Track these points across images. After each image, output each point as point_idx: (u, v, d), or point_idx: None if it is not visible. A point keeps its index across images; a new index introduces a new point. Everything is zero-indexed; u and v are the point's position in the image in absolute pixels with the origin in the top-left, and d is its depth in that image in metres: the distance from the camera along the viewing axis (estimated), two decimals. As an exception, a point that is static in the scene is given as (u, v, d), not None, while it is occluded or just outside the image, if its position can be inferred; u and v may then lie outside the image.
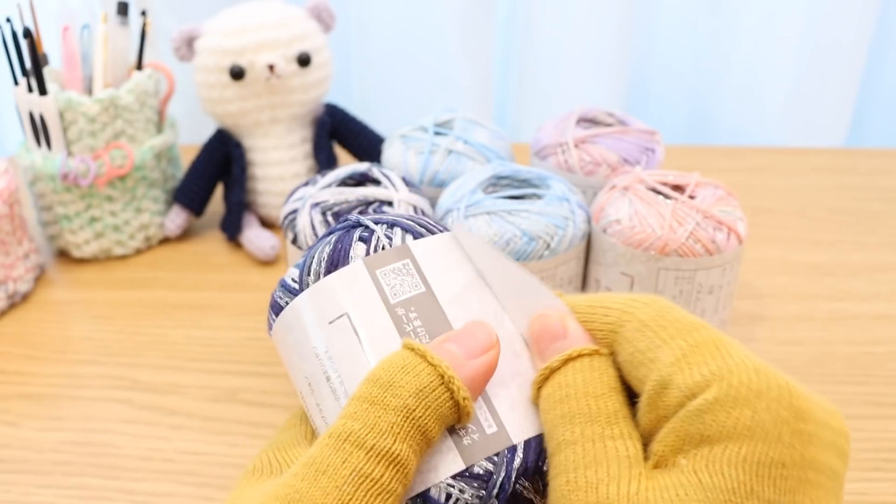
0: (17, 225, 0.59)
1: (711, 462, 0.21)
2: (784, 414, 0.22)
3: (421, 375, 0.24)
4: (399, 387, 0.24)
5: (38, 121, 0.58)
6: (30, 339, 0.54)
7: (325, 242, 0.30)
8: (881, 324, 0.54)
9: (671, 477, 0.22)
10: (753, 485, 0.21)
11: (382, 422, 0.23)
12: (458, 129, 0.56)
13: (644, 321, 0.25)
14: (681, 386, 0.23)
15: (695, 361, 0.23)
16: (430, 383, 0.24)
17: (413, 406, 0.24)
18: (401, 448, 0.23)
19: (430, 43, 0.83)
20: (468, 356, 0.25)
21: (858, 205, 0.71)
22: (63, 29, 0.59)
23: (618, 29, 0.84)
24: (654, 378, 0.24)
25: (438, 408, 0.24)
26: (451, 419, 0.25)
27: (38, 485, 0.42)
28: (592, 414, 0.24)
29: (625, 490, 0.22)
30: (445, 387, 0.24)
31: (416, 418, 0.24)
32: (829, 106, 0.86)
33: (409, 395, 0.24)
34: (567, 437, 0.24)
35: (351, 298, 0.28)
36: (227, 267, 0.63)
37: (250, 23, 0.60)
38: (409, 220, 0.30)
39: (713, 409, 0.22)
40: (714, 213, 0.44)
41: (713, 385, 0.22)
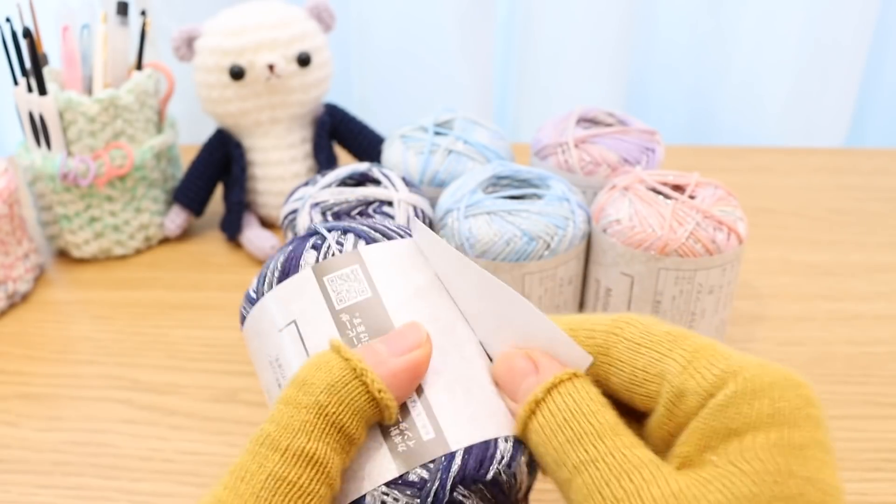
0: (17, 225, 0.59)
1: (745, 451, 0.22)
2: (796, 401, 0.23)
3: (333, 370, 0.24)
4: (311, 384, 0.24)
5: (37, 121, 0.58)
6: (29, 339, 0.54)
7: (281, 251, 0.30)
8: (881, 324, 0.54)
9: (708, 471, 0.22)
10: (791, 466, 0.22)
11: (295, 421, 0.23)
12: (458, 129, 0.56)
13: (634, 340, 0.26)
14: (697, 390, 0.23)
15: (702, 366, 0.24)
16: (342, 377, 0.24)
17: (325, 402, 0.23)
18: (316, 447, 0.23)
19: (430, 43, 0.83)
20: (392, 354, 0.25)
21: (859, 205, 0.71)
22: (63, 29, 0.59)
23: (618, 28, 0.84)
24: (667, 390, 0.24)
25: (352, 402, 0.24)
26: (372, 414, 0.24)
27: (38, 485, 0.42)
28: (599, 431, 0.24)
29: (667, 489, 0.22)
30: (359, 380, 0.24)
31: (330, 414, 0.23)
32: (830, 106, 0.86)
33: (320, 392, 0.24)
34: (583, 457, 0.23)
35: (299, 306, 0.28)
36: (227, 267, 0.63)
37: (250, 23, 0.60)
38: (365, 227, 0.30)
39: (735, 402, 0.23)
40: (714, 213, 0.44)
41: (729, 381, 0.23)
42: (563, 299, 0.47)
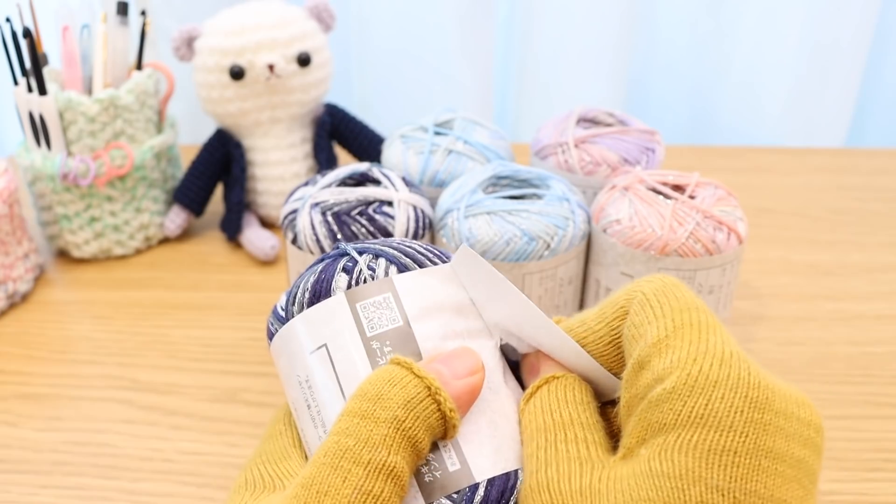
0: (17, 225, 0.58)
1: (664, 450, 0.22)
2: (739, 403, 0.22)
3: (408, 387, 0.24)
4: (388, 399, 0.24)
5: (37, 121, 0.58)
6: (29, 340, 0.54)
7: (311, 271, 0.30)
8: (881, 324, 0.54)
9: (628, 467, 0.23)
10: (701, 471, 0.21)
11: (375, 435, 0.23)
12: (458, 128, 0.56)
13: (647, 295, 0.25)
14: (654, 369, 0.23)
15: (671, 345, 0.23)
16: (417, 394, 0.24)
17: (403, 417, 0.24)
18: (396, 460, 0.23)
19: (430, 42, 0.83)
20: (454, 376, 0.26)
21: (859, 205, 0.71)
22: (63, 29, 0.59)
23: (618, 28, 0.84)
24: (636, 355, 0.24)
25: (427, 419, 0.24)
26: (439, 432, 0.25)
27: (38, 485, 0.42)
28: (547, 427, 0.25)
29: (577, 485, 0.23)
30: (432, 398, 0.24)
31: (407, 429, 0.24)
32: (830, 106, 0.86)
33: (398, 407, 0.24)
34: (528, 452, 0.25)
35: (330, 330, 0.28)
36: (227, 267, 0.63)
37: (250, 23, 0.60)
38: (396, 251, 0.30)
39: (671, 398, 0.22)
40: (714, 213, 0.44)
41: (673, 374, 0.23)
42: (563, 299, 0.47)
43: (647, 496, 0.21)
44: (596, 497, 0.22)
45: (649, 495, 0.21)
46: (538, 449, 0.25)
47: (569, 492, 0.23)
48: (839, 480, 0.42)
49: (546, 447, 0.25)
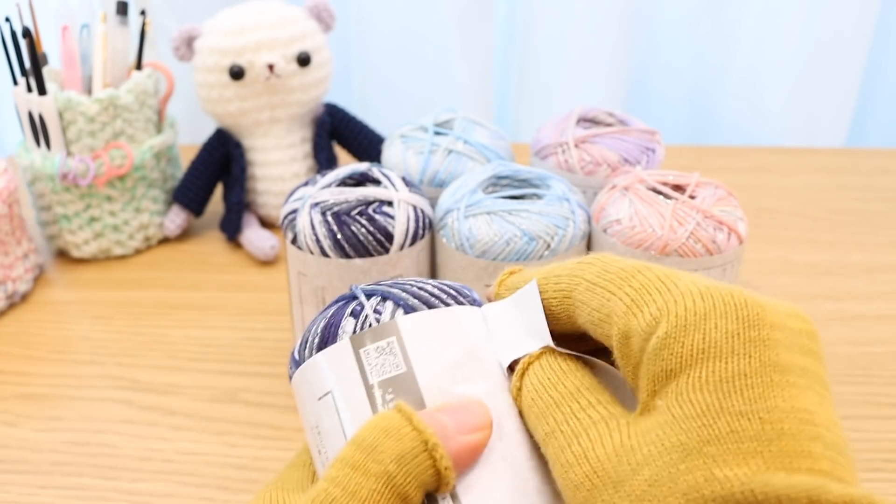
0: (17, 225, 0.58)
1: (678, 394, 0.22)
2: (732, 327, 0.22)
3: (404, 440, 0.23)
4: (381, 451, 0.23)
5: (37, 120, 0.58)
6: (29, 340, 0.54)
7: (322, 315, 0.30)
8: (882, 324, 0.54)
9: (650, 420, 0.22)
10: (721, 402, 0.21)
11: (363, 489, 0.23)
12: (458, 128, 0.56)
13: (592, 280, 0.25)
14: (637, 330, 0.23)
15: (644, 303, 0.23)
16: (412, 449, 0.23)
17: (394, 472, 0.23)
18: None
19: (430, 42, 0.83)
20: (458, 431, 0.25)
21: (859, 205, 0.71)
22: (62, 28, 0.59)
23: (618, 28, 0.84)
24: (615, 332, 0.24)
25: (420, 475, 0.23)
26: (432, 486, 0.24)
27: (38, 485, 0.42)
28: (556, 401, 0.24)
29: (610, 447, 0.22)
30: (428, 454, 0.23)
31: (397, 485, 0.23)
32: (830, 105, 0.86)
33: (390, 461, 0.23)
34: (546, 430, 0.24)
35: (335, 377, 0.27)
36: (227, 267, 0.63)
37: (250, 22, 0.60)
38: (405, 293, 0.29)
39: (668, 343, 0.22)
40: (714, 212, 0.44)
41: (662, 321, 0.22)
42: (563, 299, 0.47)
43: (679, 441, 0.21)
44: (630, 454, 0.22)
45: (680, 440, 0.21)
46: (559, 424, 0.24)
47: (605, 455, 0.22)
48: (839, 481, 0.42)
49: (566, 420, 0.24)
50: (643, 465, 0.21)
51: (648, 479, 0.21)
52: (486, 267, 0.44)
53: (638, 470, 0.21)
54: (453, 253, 0.45)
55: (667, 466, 0.21)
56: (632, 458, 0.22)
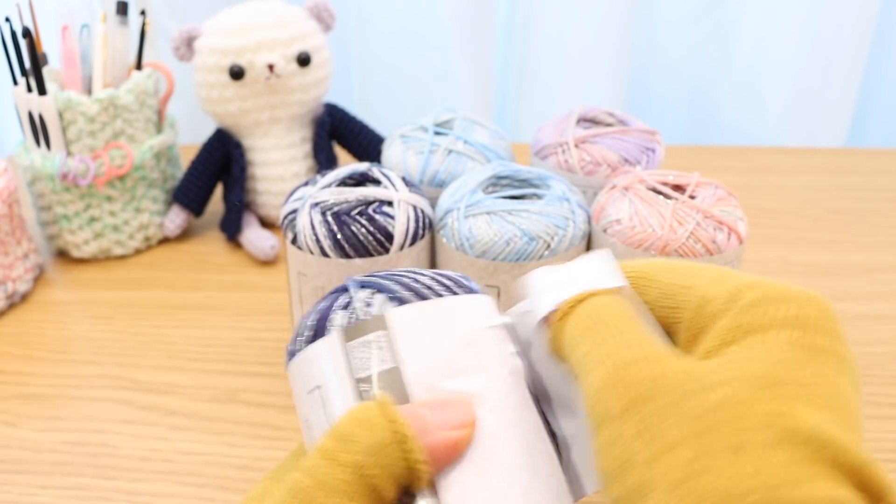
0: (17, 225, 0.58)
1: (767, 342, 0.22)
2: (818, 313, 0.23)
3: (376, 431, 0.23)
4: (353, 442, 0.23)
5: (37, 120, 0.58)
6: (29, 340, 0.54)
7: (315, 309, 0.29)
8: (882, 324, 0.54)
9: (726, 356, 0.23)
10: (809, 361, 0.22)
11: (332, 479, 0.23)
12: (458, 128, 0.56)
13: (669, 266, 0.27)
14: (721, 294, 0.24)
15: (729, 277, 0.25)
16: (383, 440, 0.23)
17: (365, 463, 0.23)
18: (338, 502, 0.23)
19: (430, 42, 0.83)
20: (439, 426, 0.24)
21: (859, 205, 0.71)
22: (62, 28, 0.59)
23: (618, 28, 0.84)
24: (694, 297, 0.25)
25: (391, 466, 0.23)
26: (407, 480, 0.24)
27: (38, 485, 0.42)
28: (602, 321, 0.24)
29: (677, 364, 0.22)
30: (398, 446, 0.23)
31: (368, 476, 0.23)
32: (830, 105, 0.86)
33: (361, 451, 0.23)
34: (597, 339, 0.24)
35: (323, 371, 0.27)
36: (227, 267, 0.63)
37: (250, 22, 0.60)
38: (398, 284, 0.28)
39: (761, 303, 0.23)
40: (714, 212, 0.44)
41: (757, 288, 0.24)
42: (563, 299, 0.47)
43: (765, 371, 0.21)
44: (702, 374, 0.22)
45: (767, 371, 0.21)
46: (615, 333, 0.24)
47: (671, 369, 0.22)
48: (839, 481, 0.42)
49: (624, 331, 0.24)
50: (718, 385, 0.21)
51: (724, 397, 0.21)
52: (486, 267, 0.44)
53: (711, 388, 0.21)
54: (453, 253, 0.45)
55: (748, 389, 0.21)
56: (704, 378, 0.22)
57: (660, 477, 0.20)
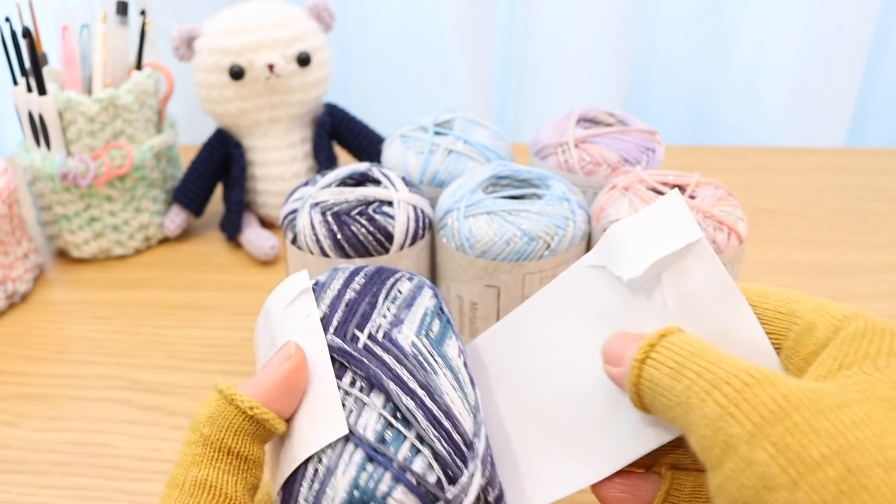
0: (17, 225, 0.58)
1: (879, 369, 0.23)
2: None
3: (211, 403, 0.27)
4: (196, 421, 0.27)
5: (37, 120, 0.58)
6: (29, 340, 0.54)
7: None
8: (882, 324, 0.54)
9: (841, 381, 0.23)
10: None
11: (186, 457, 0.26)
12: (458, 128, 0.56)
13: (760, 291, 0.28)
14: (826, 324, 0.25)
15: (830, 308, 0.26)
16: (217, 406, 0.27)
17: (207, 433, 0.26)
18: (207, 473, 0.26)
19: (430, 42, 0.83)
20: (266, 371, 0.28)
21: (859, 205, 0.71)
22: (62, 28, 0.59)
23: (618, 27, 0.84)
24: (798, 324, 0.26)
25: (231, 425, 0.26)
26: (258, 432, 0.27)
27: (38, 485, 0.42)
28: (716, 360, 0.24)
29: (801, 384, 0.22)
30: (231, 405, 0.27)
31: (213, 441, 0.26)
32: (830, 105, 0.86)
33: (202, 425, 0.26)
34: (707, 382, 0.23)
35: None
36: (227, 267, 0.63)
37: (250, 22, 0.60)
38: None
39: (868, 333, 0.24)
40: (714, 213, 0.44)
41: (859, 319, 0.25)
42: (563, 299, 0.47)
43: (890, 395, 0.22)
44: (832, 393, 0.22)
45: (892, 394, 0.22)
46: (701, 373, 0.23)
47: (797, 388, 0.22)
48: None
49: (736, 374, 0.23)
50: (851, 404, 0.21)
51: (859, 415, 0.21)
52: (486, 267, 0.44)
53: (846, 406, 0.21)
54: (453, 253, 0.45)
55: (880, 409, 0.21)
56: (834, 397, 0.22)
57: (807, 498, 0.20)
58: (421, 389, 0.27)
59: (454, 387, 0.28)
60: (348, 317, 0.30)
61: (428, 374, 0.28)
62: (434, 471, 0.26)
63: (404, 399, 0.27)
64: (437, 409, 0.27)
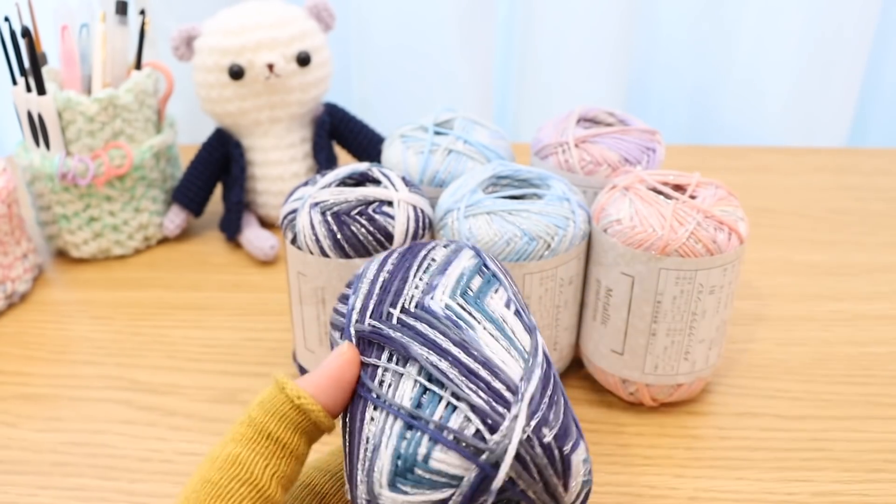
0: (16, 225, 0.58)
1: None
2: None
3: (265, 392, 0.29)
4: (249, 405, 0.29)
5: (36, 120, 0.58)
6: (28, 340, 0.54)
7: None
8: (882, 324, 0.54)
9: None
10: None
11: (229, 434, 0.28)
12: (459, 128, 0.56)
13: None
14: None
15: None
16: (268, 392, 0.29)
17: (254, 415, 0.28)
18: (240, 451, 0.27)
19: (430, 41, 0.83)
20: (322, 367, 0.29)
21: (860, 205, 0.71)
22: (61, 28, 0.59)
23: (618, 28, 0.84)
24: None
25: (277, 411, 0.28)
26: (305, 425, 0.28)
27: (37, 486, 0.42)
28: None
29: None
30: (282, 393, 0.28)
31: (257, 423, 0.28)
32: (831, 105, 0.86)
33: (253, 407, 0.28)
34: None
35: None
36: (227, 267, 0.63)
37: (249, 22, 0.60)
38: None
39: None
40: (715, 212, 0.44)
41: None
42: (563, 299, 0.47)
43: None
44: None
45: None
46: None
47: None
48: (840, 481, 0.42)
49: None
50: None
51: None
52: (487, 267, 0.44)
53: None
54: (453, 253, 0.45)
55: None
56: None
57: None
58: (455, 347, 0.28)
59: (496, 337, 0.29)
60: (383, 297, 0.31)
61: (463, 331, 0.29)
62: (472, 423, 0.26)
63: (435, 361, 0.28)
64: (474, 363, 0.28)
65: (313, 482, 0.31)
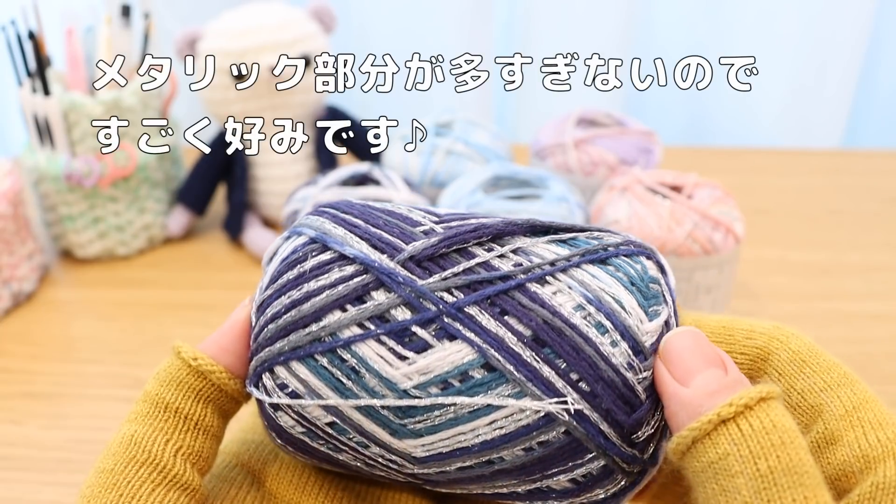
0: (22, 225, 0.59)
1: None
2: None
3: (163, 362, 0.25)
4: (148, 380, 0.25)
5: (42, 122, 0.59)
6: (34, 339, 0.55)
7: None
8: (877, 323, 0.55)
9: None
10: None
11: (133, 414, 0.24)
12: (458, 130, 0.56)
13: (800, 356, 0.23)
14: (853, 447, 0.21)
15: (865, 420, 0.21)
16: (167, 364, 0.25)
17: (150, 388, 0.24)
18: (135, 429, 0.23)
19: (430, 42, 0.83)
20: (223, 328, 0.25)
21: (855, 205, 0.71)
22: (67, 31, 0.60)
23: (618, 27, 0.85)
24: (820, 428, 0.21)
25: (173, 379, 0.24)
26: (209, 392, 0.25)
27: (43, 482, 0.43)
28: (795, 470, 0.19)
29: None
30: (178, 357, 0.25)
31: (152, 395, 0.24)
32: (826, 107, 0.87)
33: (150, 382, 0.25)
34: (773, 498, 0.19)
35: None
36: (230, 267, 0.63)
37: (252, 25, 0.61)
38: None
39: (888, 494, 0.20)
40: (712, 213, 0.45)
41: (885, 462, 0.20)
42: (562, 298, 0.48)
43: None
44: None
45: None
46: (783, 491, 0.19)
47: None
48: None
49: (791, 487, 0.19)
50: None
51: None
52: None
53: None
54: (454, 253, 0.46)
55: None
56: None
57: None
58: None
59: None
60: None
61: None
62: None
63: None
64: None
65: (241, 460, 0.27)
